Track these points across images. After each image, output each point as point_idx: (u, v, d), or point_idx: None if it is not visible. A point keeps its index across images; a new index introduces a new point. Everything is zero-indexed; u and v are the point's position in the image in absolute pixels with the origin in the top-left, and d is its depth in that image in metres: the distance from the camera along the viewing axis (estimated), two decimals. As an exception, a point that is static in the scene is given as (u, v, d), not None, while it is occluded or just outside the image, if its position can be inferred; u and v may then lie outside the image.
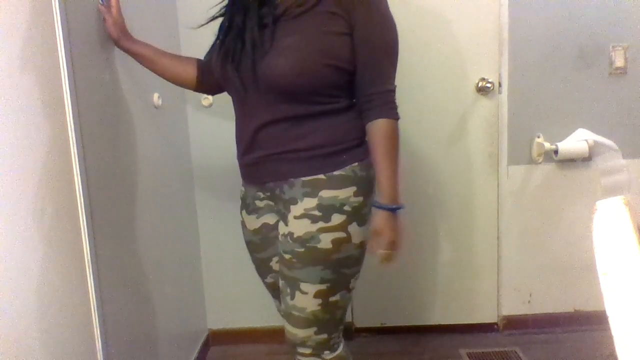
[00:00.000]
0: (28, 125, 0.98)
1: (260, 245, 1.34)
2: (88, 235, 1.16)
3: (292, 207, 1.18)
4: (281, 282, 1.23)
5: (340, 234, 1.15)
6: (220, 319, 2.22)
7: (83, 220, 1.15)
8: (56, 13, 1.07)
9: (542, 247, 2.16)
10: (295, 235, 1.17)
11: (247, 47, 1.14)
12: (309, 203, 1.15)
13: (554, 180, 2.11)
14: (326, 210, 1.14)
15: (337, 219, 1.14)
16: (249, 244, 1.37)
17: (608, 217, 0.68)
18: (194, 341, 2.06)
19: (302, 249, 1.16)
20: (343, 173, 1.16)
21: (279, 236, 1.23)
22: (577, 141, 2.03)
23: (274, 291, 1.39)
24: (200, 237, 2.16)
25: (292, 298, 1.19)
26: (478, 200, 2.13)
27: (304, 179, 1.16)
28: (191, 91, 1.45)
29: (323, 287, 1.16)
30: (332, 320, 1.21)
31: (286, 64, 1.09)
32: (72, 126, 1.11)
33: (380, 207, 1.16)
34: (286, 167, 1.18)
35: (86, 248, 1.16)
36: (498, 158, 2.10)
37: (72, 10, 1.13)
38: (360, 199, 1.17)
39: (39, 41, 1.03)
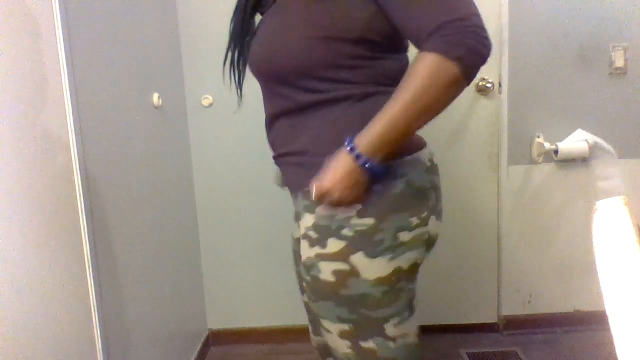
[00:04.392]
0: (28, 125, 0.98)
1: (298, 258, 1.11)
2: (88, 235, 1.16)
3: (299, 222, 0.99)
4: None
5: (341, 266, 0.86)
6: (220, 319, 2.21)
7: (83, 220, 1.15)
8: (56, 13, 1.07)
9: (542, 247, 2.16)
10: (302, 260, 0.94)
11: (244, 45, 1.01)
12: (308, 220, 0.91)
13: (554, 180, 2.11)
14: (321, 232, 0.88)
15: (333, 245, 0.86)
16: (294, 254, 1.15)
17: (608, 217, 0.68)
18: (194, 341, 2.06)
19: (308, 277, 0.92)
20: None
21: None
22: (577, 141, 2.04)
23: (310, 313, 1.14)
24: (200, 237, 2.16)
25: (323, 335, 0.99)
26: (478, 200, 2.13)
27: (306, 189, 0.91)
28: (191, 91, 1.43)
29: (345, 327, 0.91)
30: None
31: (263, 45, 0.92)
32: (72, 126, 1.12)
33: (346, 143, 0.82)
34: (291, 173, 0.98)
35: (86, 248, 1.16)
36: (498, 158, 2.10)
37: (72, 10, 1.14)
38: (370, 221, 0.85)
39: (39, 41, 1.03)
